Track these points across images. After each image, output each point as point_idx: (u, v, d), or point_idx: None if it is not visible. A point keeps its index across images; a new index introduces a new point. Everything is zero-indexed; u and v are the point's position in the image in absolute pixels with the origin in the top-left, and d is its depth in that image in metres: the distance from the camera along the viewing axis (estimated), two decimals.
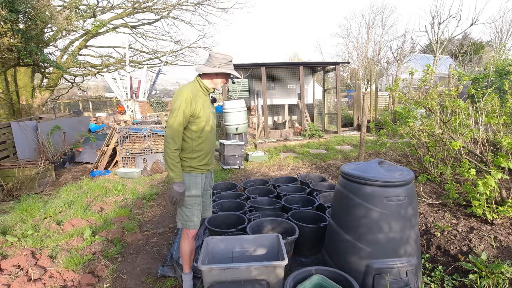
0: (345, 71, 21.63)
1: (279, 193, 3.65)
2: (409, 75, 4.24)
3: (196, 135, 2.10)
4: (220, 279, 1.88)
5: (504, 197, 2.83)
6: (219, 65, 2.11)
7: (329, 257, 2.24)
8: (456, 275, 2.18)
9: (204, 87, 2.15)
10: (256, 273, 1.88)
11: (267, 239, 2.27)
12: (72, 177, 5.77)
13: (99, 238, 3.13)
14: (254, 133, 9.72)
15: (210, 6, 15.05)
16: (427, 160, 3.97)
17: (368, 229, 1.96)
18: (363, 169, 2.05)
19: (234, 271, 1.87)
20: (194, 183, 2.13)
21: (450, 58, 22.20)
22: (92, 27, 12.00)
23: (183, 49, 17.24)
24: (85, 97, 20.37)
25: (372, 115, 10.97)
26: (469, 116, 3.63)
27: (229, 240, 2.28)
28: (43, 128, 6.82)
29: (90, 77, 15.30)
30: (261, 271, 1.89)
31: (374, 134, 8.34)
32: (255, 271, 1.88)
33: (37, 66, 9.35)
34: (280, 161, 6.42)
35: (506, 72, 8.20)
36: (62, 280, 2.46)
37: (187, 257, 2.24)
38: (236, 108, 7.97)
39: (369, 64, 17.07)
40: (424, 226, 2.85)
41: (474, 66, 17.76)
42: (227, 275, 1.87)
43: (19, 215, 3.73)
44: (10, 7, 6.44)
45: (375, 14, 27.71)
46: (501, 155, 2.62)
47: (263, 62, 9.09)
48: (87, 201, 4.28)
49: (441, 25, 18.34)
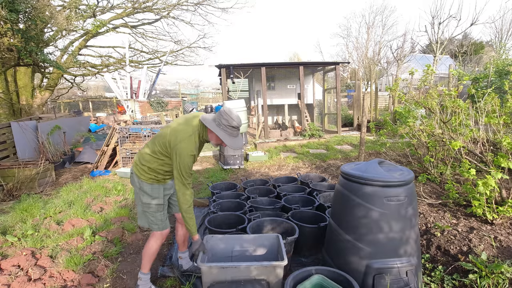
0: (345, 71, 21.63)
1: (279, 193, 3.65)
2: (409, 75, 4.24)
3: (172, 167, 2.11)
4: (219, 278, 1.88)
5: (504, 197, 2.83)
6: (226, 127, 2.03)
7: (329, 257, 2.24)
8: (456, 275, 2.18)
9: (204, 139, 2.15)
10: (256, 273, 1.88)
11: (267, 239, 2.27)
12: (72, 177, 5.77)
13: (99, 238, 3.13)
14: (254, 133, 9.72)
15: (210, 6, 15.07)
16: (427, 160, 3.97)
17: (368, 229, 1.96)
18: (363, 169, 2.05)
19: (234, 270, 1.87)
20: (157, 193, 2.19)
21: (450, 58, 22.20)
22: (92, 27, 12.00)
23: (183, 49, 17.25)
24: (85, 97, 20.37)
25: (372, 115, 10.97)
26: (469, 116, 3.63)
27: (229, 239, 2.28)
28: (43, 128, 6.82)
29: (90, 77, 15.30)
30: (260, 271, 1.89)
31: (374, 134, 8.34)
32: (255, 271, 1.88)
33: (37, 66, 9.35)
34: (280, 161, 6.42)
35: (506, 72, 8.20)
36: (62, 280, 2.46)
37: (151, 256, 2.28)
38: (236, 108, 7.95)
39: (369, 64, 17.07)
40: (424, 226, 2.85)
41: (474, 66, 17.77)
42: (226, 275, 1.87)
43: (19, 215, 3.73)
44: (10, 7, 6.44)
45: (375, 14, 27.71)
46: (501, 155, 2.62)
47: (263, 62, 9.08)
48: (87, 201, 4.28)
49: (441, 25, 18.36)
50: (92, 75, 14.72)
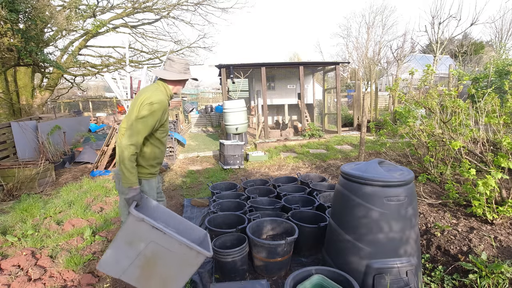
0: (345, 71, 21.63)
1: (279, 193, 3.65)
2: (409, 75, 4.24)
3: (159, 143, 2.08)
4: (138, 236, 1.64)
5: (504, 197, 2.83)
6: (184, 70, 2.08)
7: (329, 257, 2.24)
8: (456, 275, 2.18)
9: (169, 95, 2.08)
10: (178, 250, 1.66)
11: (200, 231, 2.06)
12: (72, 177, 5.77)
13: (99, 238, 3.13)
14: (254, 133, 9.72)
15: (210, 6, 15.04)
16: (427, 160, 3.97)
17: (368, 229, 1.96)
18: (363, 169, 2.05)
19: (160, 236, 1.63)
20: (152, 188, 2.16)
21: (450, 58, 22.20)
22: (92, 27, 11.99)
23: (183, 49, 17.23)
24: (85, 97, 20.36)
25: (372, 115, 10.97)
26: (469, 116, 3.63)
27: (164, 213, 2.04)
28: (43, 128, 6.82)
29: (90, 77, 15.28)
30: (184, 251, 1.66)
31: (374, 134, 8.34)
32: (178, 248, 1.65)
33: (37, 66, 9.35)
34: (280, 161, 6.42)
35: (506, 72, 8.20)
36: (62, 280, 2.47)
37: None
38: (236, 108, 7.97)
39: (369, 64, 17.08)
40: (424, 226, 2.85)
41: (474, 66, 17.77)
42: (150, 236, 1.64)
43: (19, 215, 3.73)
44: (10, 7, 6.44)
45: (375, 14, 27.66)
46: (501, 155, 2.62)
47: (263, 62, 9.09)
48: (87, 201, 4.28)
49: (441, 25, 18.35)
50: (92, 75, 14.71)
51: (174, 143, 7.19)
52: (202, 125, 14.51)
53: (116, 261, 1.65)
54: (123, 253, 1.64)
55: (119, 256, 1.64)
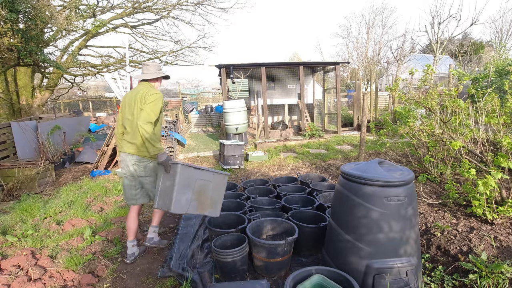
0: (345, 71, 21.63)
1: (279, 193, 3.65)
2: (409, 75, 4.24)
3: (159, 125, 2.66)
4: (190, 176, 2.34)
5: (504, 197, 2.83)
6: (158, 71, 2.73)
7: (329, 257, 2.24)
8: (456, 275, 2.18)
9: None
10: (212, 177, 2.46)
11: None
12: (72, 177, 5.77)
13: (99, 238, 3.13)
14: (254, 133, 9.72)
15: (210, 6, 15.03)
16: (427, 160, 3.97)
17: (368, 229, 1.96)
18: (363, 169, 2.05)
19: (201, 172, 2.40)
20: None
21: (450, 58, 22.21)
22: (92, 27, 11.98)
23: (183, 49, 17.22)
24: (85, 97, 20.35)
25: (372, 115, 10.97)
26: (469, 116, 3.63)
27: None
28: (43, 128, 6.82)
29: (90, 77, 15.27)
30: (216, 177, 2.49)
31: (374, 134, 8.34)
32: (212, 176, 2.47)
33: (37, 66, 9.35)
34: (280, 161, 6.42)
35: (506, 72, 8.20)
36: (62, 280, 2.46)
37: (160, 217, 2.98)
38: (236, 108, 7.97)
39: (369, 64, 17.08)
40: (424, 226, 2.85)
41: (474, 66, 17.78)
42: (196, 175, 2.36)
43: (19, 215, 3.73)
44: (10, 7, 6.44)
45: (375, 14, 27.68)
46: (501, 155, 2.62)
47: (263, 62, 9.09)
48: (87, 201, 4.28)
49: (441, 25, 18.37)
50: (92, 75, 14.70)
51: (174, 143, 7.18)
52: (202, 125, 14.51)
53: (181, 201, 2.29)
54: (183, 194, 2.30)
55: (181, 197, 2.29)
